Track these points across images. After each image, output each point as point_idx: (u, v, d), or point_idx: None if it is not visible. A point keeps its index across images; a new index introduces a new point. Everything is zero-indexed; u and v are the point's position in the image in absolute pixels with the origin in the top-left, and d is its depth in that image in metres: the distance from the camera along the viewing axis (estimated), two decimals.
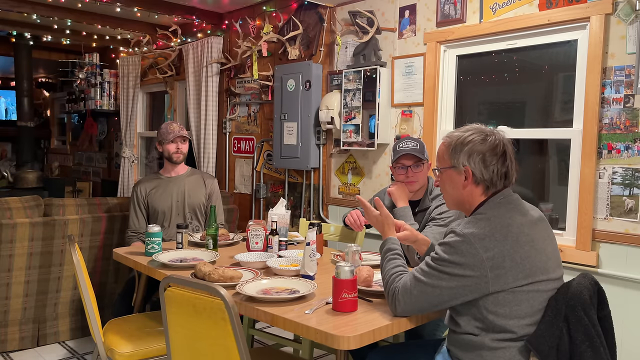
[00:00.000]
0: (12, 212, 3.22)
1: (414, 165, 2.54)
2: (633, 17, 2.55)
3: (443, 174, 1.74)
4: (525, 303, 1.55)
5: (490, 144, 1.65)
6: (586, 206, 2.71)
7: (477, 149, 1.65)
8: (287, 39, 4.23)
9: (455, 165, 1.69)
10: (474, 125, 1.72)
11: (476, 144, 1.65)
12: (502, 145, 1.66)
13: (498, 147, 1.65)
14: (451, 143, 1.70)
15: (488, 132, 1.68)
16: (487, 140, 1.65)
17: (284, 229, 2.80)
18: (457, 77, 3.40)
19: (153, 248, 2.49)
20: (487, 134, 1.67)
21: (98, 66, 6.67)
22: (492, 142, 1.65)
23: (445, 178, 1.74)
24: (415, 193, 2.60)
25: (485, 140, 1.65)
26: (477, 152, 1.64)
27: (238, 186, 4.90)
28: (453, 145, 1.69)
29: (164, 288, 1.75)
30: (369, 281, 1.99)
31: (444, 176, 1.74)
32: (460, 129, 1.72)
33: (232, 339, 1.58)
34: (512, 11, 3.01)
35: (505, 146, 1.67)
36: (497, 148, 1.65)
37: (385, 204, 2.71)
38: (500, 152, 1.65)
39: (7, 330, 3.26)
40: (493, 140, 1.66)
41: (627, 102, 2.60)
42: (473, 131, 1.68)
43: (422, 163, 2.55)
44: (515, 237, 1.56)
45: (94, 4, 4.44)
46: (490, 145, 1.65)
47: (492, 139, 1.66)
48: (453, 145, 1.69)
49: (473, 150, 1.65)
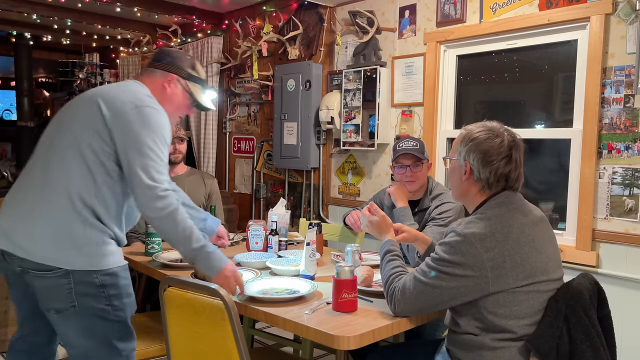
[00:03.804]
0: None
1: (413, 164, 2.53)
2: (633, 17, 2.55)
3: (452, 163, 1.76)
4: (525, 303, 1.55)
5: (494, 143, 1.63)
6: (586, 206, 2.71)
7: (480, 147, 1.64)
8: (287, 39, 4.22)
9: (459, 158, 1.70)
10: (492, 123, 1.70)
11: (481, 142, 1.64)
12: (508, 148, 1.63)
13: (502, 148, 1.62)
14: (462, 136, 1.70)
15: (498, 132, 1.65)
16: (493, 140, 1.63)
17: (284, 229, 2.80)
18: (457, 77, 3.40)
19: (153, 248, 2.49)
20: (496, 134, 1.64)
21: (98, 66, 6.67)
22: (497, 143, 1.63)
23: (451, 168, 1.76)
24: (415, 193, 2.59)
25: (491, 140, 1.63)
26: (479, 150, 1.64)
27: (238, 186, 4.90)
28: (462, 138, 1.70)
29: (164, 288, 1.75)
30: (369, 281, 1.99)
31: (451, 166, 1.76)
32: (477, 124, 1.71)
33: (232, 339, 1.58)
34: (512, 11, 3.01)
35: (512, 149, 1.64)
36: (500, 149, 1.62)
37: (385, 204, 2.72)
38: (504, 153, 1.62)
39: (7, 330, 3.26)
40: (499, 140, 1.63)
41: (627, 102, 2.60)
42: (483, 129, 1.67)
43: (421, 162, 2.54)
44: (516, 237, 1.56)
45: (94, 4, 4.44)
46: (494, 145, 1.63)
47: (498, 139, 1.63)
48: (462, 138, 1.70)
49: (476, 147, 1.64)
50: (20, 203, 1.77)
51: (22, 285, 1.81)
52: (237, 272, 1.83)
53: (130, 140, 1.75)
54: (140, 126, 1.76)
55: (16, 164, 7.41)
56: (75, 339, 1.76)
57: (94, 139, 1.76)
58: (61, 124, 1.84)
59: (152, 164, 1.75)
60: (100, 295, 1.73)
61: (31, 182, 1.79)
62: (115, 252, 1.79)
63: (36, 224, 1.71)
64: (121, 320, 1.79)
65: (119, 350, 1.79)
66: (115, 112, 1.77)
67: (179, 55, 2.03)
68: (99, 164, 1.76)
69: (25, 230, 1.71)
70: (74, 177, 1.73)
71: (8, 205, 1.81)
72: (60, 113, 1.89)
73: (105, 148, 1.76)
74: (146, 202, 1.74)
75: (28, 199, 1.76)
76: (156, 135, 1.79)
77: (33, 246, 1.69)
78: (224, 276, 1.79)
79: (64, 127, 1.82)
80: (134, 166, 1.74)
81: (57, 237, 1.69)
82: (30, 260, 1.68)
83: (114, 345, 1.78)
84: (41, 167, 1.79)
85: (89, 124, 1.77)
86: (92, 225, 1.73)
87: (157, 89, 1.96)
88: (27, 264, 1.69)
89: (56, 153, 1.78)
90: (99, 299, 1.73)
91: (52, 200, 1.72)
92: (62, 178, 1.73)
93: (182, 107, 2.05)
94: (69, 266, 1.69)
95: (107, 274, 1.75)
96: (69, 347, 1.80)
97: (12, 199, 1.81)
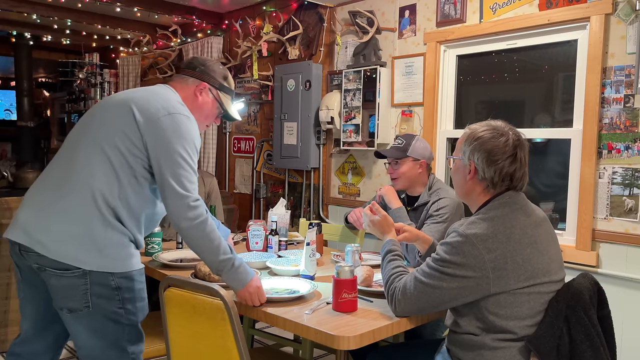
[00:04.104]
0: (12, 212, 3.22)
1: (393, 162, 2.61)
2: (633, 17, 2.55)
3: (455, 163, 1.75)
4: (526, 304, 1.55)
5: (499, 143, 1.62)
6: (586, 206, 2.71)
7: (484, 146, 1.63)
8: (287, 39, 4.22)
9: (463, 158, 1.69)
10: (497, 122, 1.70)
11: (486, 141, 1.63)
12: (513, 147, 1.63)
13: (507, 148, 1.62)
14: (466, 135, 1.70)
15: (503, 131, 1.65)
16: (498, 139, 1.63)
17: (284, 229, 2.80)
18: (457, 77, 3.40)
19: (153, 248, 2.49)
20: (501, 134, 1.64)
21: (98, 66, 6.67)
22: (502, 142, 1.62)
23: (455, 168, 1.75)
24: (415, 189, 2.62)
25: (496, 139, 1.63)
26: (484, 150, 1.63)
27: (238, 186, 4.90)
28: (466, 137, 1.69)
29: (164, 288, 1.75)
30: (369, 281, 1.99)
31: (455, 165, 1.75)
32: (481, 123, 1.71)
33: (232, 339, 1.58)
34: (512, 11, 3.01)
35: (516, 148, 1.63)
36: (505, 148, 1.62)
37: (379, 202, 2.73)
38: (509, 152, 1.62)
39: (7, 330, 3.26)
40: (504, 140, 1.63)
41: (627, 102, 2.60)
42: (488, 128, 1.67)
43: (397, 161, 2.59)
44: (518, 238, 1.55)
45: (94, 4, 4.44)
46: (499, 145, 1.62)
47: (503, 139, 1.63)
48: (466, 137, 1.69)
49: (480, 146, 1.64)
50: (41, 198, 1.77)
51: (34, 283, 1.80)
52: (261, 287, 1.81)
53: (162, 147, 1.76)
54: (173, 133, 1.77)
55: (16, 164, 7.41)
56: (86, 339, 1.76)
57: (124, 141, 1.76)
58: (89, 125, 1.84)
59: (184, 173, 1.76)
60: (114, 298, 1.73)
61: (53, 179, 1.79)
62: (133, 255, 1.79)
63: (55, 219, 1.70)
64: (133, 324, 1.79)
65: (128, 353, 1.79)
66: (148, 118, 1.78)
67: (212, 65, 2.04)
68: (127, 166, 1.75)
69: (42, 224, 1.70)
70: (98, 176, 1.72)
71: (29, 200, 1.81)
72: (89, 116, 1.90)
73: (134, 151, 1.76)
74: (178, 211, 1.74)
75: (48, 194, 1.76)
76: (187, 143, 1.79)
77: (52, 242, 1.68)
78: (248, 292, 1.77)
79: (92, 128, 1.81)
80: (165, 174, 1.74)
81: (77, 236, 1.69)
82: (49, 257, 1.67)
83: (124, 347, 1.78)
84: (65, 165, 1.79)
85: (121, 127, 1.77)
86: (113, 227, 1.73)
87: (189, 97, 1.96)
88: (45, 261, 1.68)
89: (82, 152, 1.77)
90: (112, 302, 1.73)
91: (73, 197, 1.71)
92: (86, 175, 1.72)
93: (211, 116, 2.05)
94: (88, 266, 1.68)
95: (124, 276, 1.74)
96: (79, 347, 1.79)
97: (34, 194, 1.81)
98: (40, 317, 1.87)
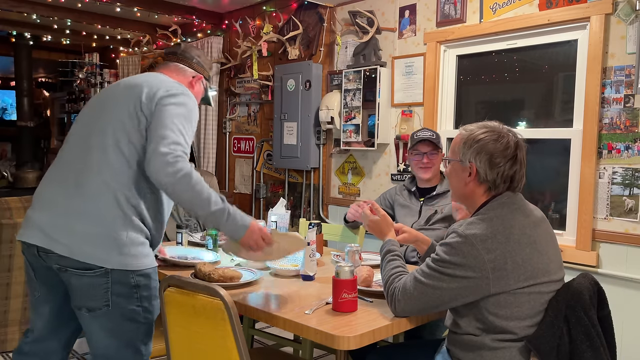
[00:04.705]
0: (12, 212, 3.22)
1: (430, 152, 2.68)
2: (633, 17, 2.55)
3: (452, 165, 1.73)
4: (526, 305, 1.55)
5: (501, 145, 1.62)
6: (586, 206, 2.71)
7: (486, 149, 1.62)
8: (287, 38, 4.22)
9: (462, 160, 1.67)
10: (493, 123, 1.69)
11: (487, 143, 1.62)
12: (514, 148, 1.63)
13: (508, 150, 1.62)
14: (464, 137, 1.68)
15: (503, 133, 1.64)
16: (499, 142, 1.62)
17: (284, 229, 2.80)
18: (457, 77, 3.40)
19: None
20: (502, 135, 1.63)
21: (98, 66, 6.67)
22: (503, 143, 1.62)
23: (452, 170, 1.73)
24: (431, 180, 2.73)
25: (497, 141, 1.62)
26: (486, 152, 1.62)
27: (238, 186, 4.90)
28: (465, 139, 1.67)
29: (164, 288, 1.75)
30: (369, 281, 1.99)
31: (452, 168, 1.73)
32: (478, 124, 1.69)
33: (231, 339, 1.57)
34: (512, 11, 3.01)
35: (517, 149, 1.63)
36: (507, 150, 1.61)
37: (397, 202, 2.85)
38: (510, 155, 1.62)
39: (7, 330, 3.26)
40: (505, 142, 1.62)
41: (627, 102, 2.60)
42: (488, 129, 1.65)
43: (437, 151, 2.69)
44: (517, 238, 1.55)
45: (94, 4, 4.43)
46: (500, 147, 1.61)
47: (504, 140, 1.62)
48: (465, 139, 1.67)
49: (482, 149, 1.63)
50: (56, 198, 1.74)
51: (51, 282, 1.79)
52: (263, 228, 1.79)
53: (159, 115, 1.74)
54: (171, 105, 1.77)
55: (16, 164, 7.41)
56: (102, 339, 1.75)
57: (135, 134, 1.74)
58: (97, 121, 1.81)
59: (172, 135, 1.70)
60: (133, 296, 1.73)
61: (67, 178, 1.75)
62: (149, 254, 1.79)
63: (76, 220, 1.68)
64: (149, 322, 1.80)
65: (142, 354, 1.79)
66: (150, 97, 1.78)
67: (204, 57, 2.13)
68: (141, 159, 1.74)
69: (63, 225, 1.68)
70: (116, 174, 1.71)
71: (42, 200, 1.77)
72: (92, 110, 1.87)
73: (144, 143, 1.74)
74: (158, 168, 1.66)
75: (64, 195, 1.73)
76: (184, 115, 1.78)
77: (76, 244, 1.66)
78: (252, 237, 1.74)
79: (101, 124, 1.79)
80: (153, 135, 1.70)
81: (100, 236, 1.67)
82: (72, 258, 1.66)
83: (138, 348, 1.78)
84: (79, 163, 1.76)
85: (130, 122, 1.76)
86: (133, 225, 1.72)
87: (185, 84, 1.99)
88: (68, 262, 1.67)
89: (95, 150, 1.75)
90: (131, 300, 1.73)
91: (94, 197, 1.69)
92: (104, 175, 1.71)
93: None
94: (110, 265, 1.68)
95: (142, 274, 1.74)
96: (94, 346, 1.79)
97: (46, 194, 1.78)
98: (55, 316, 1.86)
